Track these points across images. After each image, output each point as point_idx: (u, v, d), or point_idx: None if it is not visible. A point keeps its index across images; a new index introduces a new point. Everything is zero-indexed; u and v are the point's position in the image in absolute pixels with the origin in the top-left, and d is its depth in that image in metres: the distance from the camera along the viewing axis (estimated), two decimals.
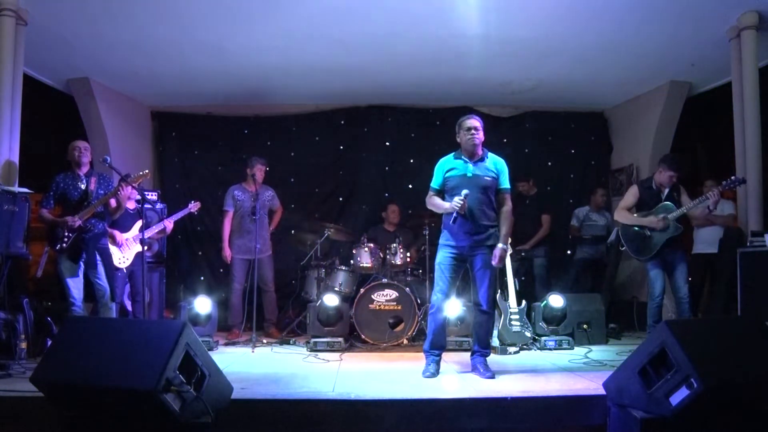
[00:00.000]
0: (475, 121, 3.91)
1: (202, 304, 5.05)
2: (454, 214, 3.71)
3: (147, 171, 4.53)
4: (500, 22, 4.89)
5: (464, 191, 3.71)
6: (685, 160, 4.74)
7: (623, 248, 4.82)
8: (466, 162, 3.89)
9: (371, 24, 4.92)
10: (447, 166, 3.93)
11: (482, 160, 3.92)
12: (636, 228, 4.67)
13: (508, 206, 3.95)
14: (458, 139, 3.96)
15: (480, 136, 3.88)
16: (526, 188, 6.31)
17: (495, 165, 3.95)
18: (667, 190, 4.62)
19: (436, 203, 3.92)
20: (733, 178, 4.39)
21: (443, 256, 3.85)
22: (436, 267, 3.89)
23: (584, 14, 4.74)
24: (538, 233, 6.12)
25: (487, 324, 3.88)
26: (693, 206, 4.47)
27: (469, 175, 3.83)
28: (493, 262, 3.79)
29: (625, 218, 4.74)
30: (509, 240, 5.10)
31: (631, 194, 4.80)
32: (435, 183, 3.97)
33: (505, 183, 3.95)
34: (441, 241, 3.91)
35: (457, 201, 3.69)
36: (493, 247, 3.81)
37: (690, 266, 4.76)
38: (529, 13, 4.73)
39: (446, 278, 3.83)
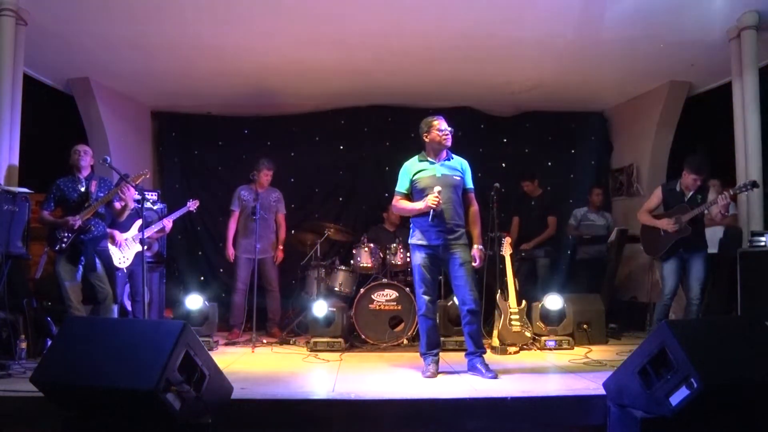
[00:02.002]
0: (446, 123, 3.93)
1: (194, 301, 5.03)
2: (432, 213, 3.72)
3: (147, 171, 4.53)
4: (500, 22, 4.89)
5: (437, 188, 3.74)
6: (708, 162, 4.77)
7: (641, 247, 4.90)
8: (432, 163, 3.91)
9: (371, 24, 4.92)
10: (414, 168, 3.94)
11: (448, 159, 3.95)
12: (652, 227, 4.72)
13: (475, 207, 4.00)
14: (426, 139, 3.95)
15: (451, 137, 3.91)
16: (531, 188, 6.30)
17: (460, 165, 3.98)
18: (691, 193, 4.63)
19: (407, 207, 3.93)
20: (746, 182, 4.40)
21: (419, 258, 3.85)
22: (415, 269, 3.89)
23: (584, 14, 4.74)
24: (543, 234, 6.11)
25: (478, 322, 3.88)
26: (704, 209, 4.49)
27: (439, 175, 3.85)
28: (476, 265, 3.83)
29: (644, 219, 4.83)
30: (510, 241, 5.15)
31: (655, 196, 4.86)
32: (401, 187, 3.97)
33: (470, 183, 4.00)
34: (413, 241, 3.90)
35: (432, 199, 3.70)
36: (466, 245, 3.83)
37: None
38: (529, 13, 4.73)
39: (428, 279, 3.84)
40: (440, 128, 3.90)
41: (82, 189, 4.41)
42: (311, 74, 6.04)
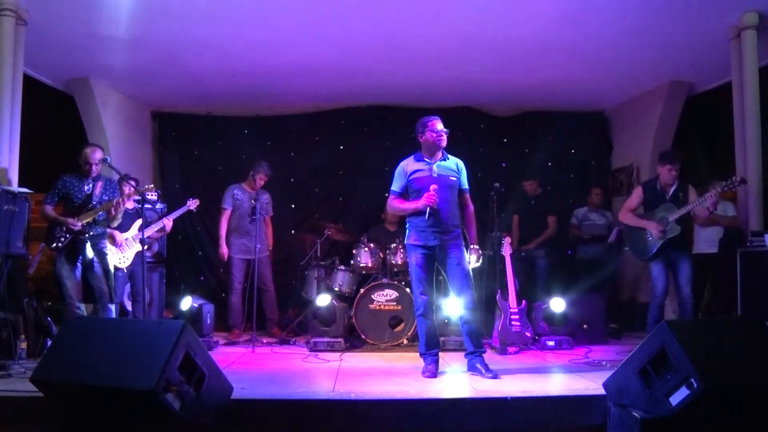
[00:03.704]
0: (441, 123, 3.94)
1: (186, 303, 5.09)
2: (428, 211, 3.72)
3: (152, 186, 4.53)
4: (500, 22, 4.89)
5: (432, 186, 3.74)
6: (681, 154, 4.74)
7: (626, 248, 4.83)
8: (429, 163, 3.91)
9: (371, 24, 4.92)
10: (410, 168, 3.94)
11: (444, 160, 3.95)
12: (637, 228, 4.68)
13: (471, 207, 4.02)
14: (420, 139, 3.97)
15: (445, 138, 3.91)
16: (532, 188, 6.31)
17: (456, 165, 3.99)
18: (672, 190, 4.61)
19: (402, 206, 3.94)
20: (733, 178, 4.39)
21: (416, 258, 3.86)
22: (412, 269, 3.90)
23: (584, 14, 4.74)
24: (544, 234, 6.11)
25: (476, 322, 3.89)
26: (693, 207, 4.47)
27: (435, 175, 3.85)
28: (475, 264, 3.85)
29: (628, 219, 4.76)
30: (510, 240, 5.15)
31: (635, 195, 4.83)
32: (397, 186, 3.98)
33: (466, 183, 4.00)
34: (409, 242, 3.92)
35: (429, 196, 3.71)
36: (462, 246, 3.85)
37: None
38: (530, 13, 4.73)
39: (425, 279, 3.85)
40: (434, 129, 3.90)
41: (87, 190, 4.39)
42: (311, 74, 6.04)
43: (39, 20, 4.69)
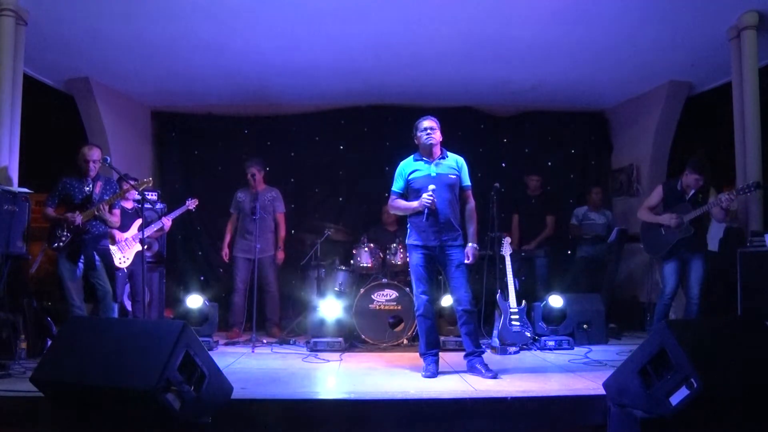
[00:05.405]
0: (430, 122, 3.93)
1: (194, 301, 5.07)
2: (426, 212, 3.72)
3: (150, 179, 4.54)
4: (500, 23, 4.89)
5: (431, 186, 3.74)
6: (710, 162, 4.77)
7: (641, 246, 4.90)
8: (427, 162, 3.91)
9: (371, 24, 4.92)
10: (409, 168, 3.94)
11: (443, 158, 3.94)
12: (653, 226, 4.72)
13: (471, 204, 4.00)
14: (416, 141, 3.98)
15: (436, 136, 3.90)
16: (535, 184, 6.31)
17: (456, 162, 3.98)
18: (692, 192, 4.63)
19: (402, 205, 3.94)
20: (749, 183, 4.40)
21: (417, 258, 3.86)
22: (412, 269, 3.90)
23: (584, 14, 4.74)
24: (542, 234, 6.11)
25: (474, 322, 3.89)
26: (708, 208, 4.48)
27: (433, 174, 3.85)
28: (467, 261, 3.84)
29: (644, 216, 4.83)
30: (510, 240, 5.15)
31: (655, 194, 4.87)
32: (397, 186, 3.98)
33: (467, 180, 3.99)
34: (410, 242, 3.92)
35: (426, 198, 3.71)
36: (462, 246, 3.85)
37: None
38: (529, 13, 4.73)
39: (424, 279, 3.85)
40: (421, 128, 3.91)
41: (87, 191, 4.39)
42: (311, 74, 6.04)
43: (39, 20, 4.69)
